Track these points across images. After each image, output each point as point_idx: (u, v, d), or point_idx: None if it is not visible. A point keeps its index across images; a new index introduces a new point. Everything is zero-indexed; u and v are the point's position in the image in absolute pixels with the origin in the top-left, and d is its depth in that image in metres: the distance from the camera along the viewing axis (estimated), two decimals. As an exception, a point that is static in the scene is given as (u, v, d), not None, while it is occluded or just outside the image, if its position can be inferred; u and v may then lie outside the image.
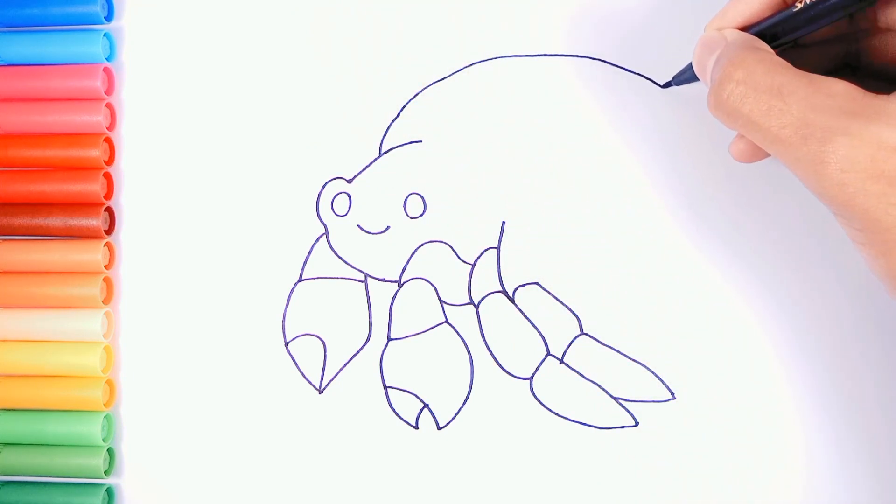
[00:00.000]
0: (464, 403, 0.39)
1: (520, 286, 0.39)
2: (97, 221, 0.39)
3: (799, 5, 0.31)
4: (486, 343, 0.39)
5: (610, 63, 0.39)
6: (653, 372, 0.38)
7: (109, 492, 0.40)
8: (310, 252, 0.39)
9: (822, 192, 0.28)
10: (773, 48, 0.31)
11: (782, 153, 0.28)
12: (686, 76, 0.36)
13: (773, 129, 0.28)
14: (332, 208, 0.39)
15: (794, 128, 0.28)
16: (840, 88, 0.28)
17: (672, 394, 0.38)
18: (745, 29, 0.32)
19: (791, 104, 0.28)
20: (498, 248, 0.39)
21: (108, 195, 0.40)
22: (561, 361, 0.38)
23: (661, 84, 0.38)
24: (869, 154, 0.27)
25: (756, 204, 0.38)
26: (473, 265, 0.39)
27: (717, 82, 0.30)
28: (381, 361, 0.39)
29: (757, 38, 0.31)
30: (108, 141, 0.40)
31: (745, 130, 0.29)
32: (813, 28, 0.31)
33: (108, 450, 0.40)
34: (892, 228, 0.27)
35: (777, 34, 0.31)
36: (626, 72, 0.39)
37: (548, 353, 0.38)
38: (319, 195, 0.40)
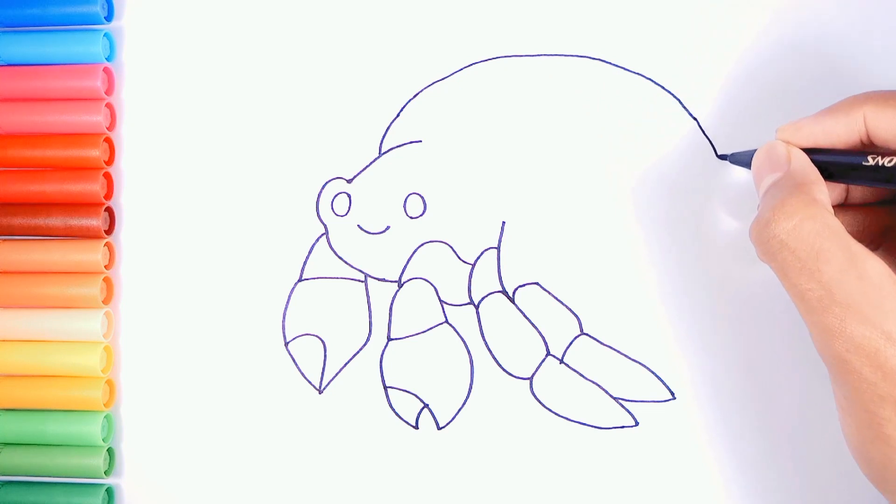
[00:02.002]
0: (464, 403, 0.39)
1: (520, 286, 0.39)
2: (97, 221, 0.39)
3: (871, 161, 0.30)
4: (486, 343, 0.39)
5: (610, 63, 0.39)
6: (653, 372, 0.38)
7: (109, 492, 0.40)
8: (310, 252, 0.39)
9: (825, 358, 0.29)
10: (831, 181, 0.31)
11: (801, 308, 0.29)
12: (744, 161, 0.35)
13: (800, 286, 0.29)
14: (332, 208, 0.39)
15: (818, 295, 0.29)
16: (875, 272, 0.28)
17: (672, 394, 0.38)
18: (812, 152, 0.32)
19: (824, 272, 0.28)
20: (498, 248, 0.39)
21: (108, 195, 0.40)
22: (561, 361, 0.38)
23: (718, 155, 0.38)
24: (876, 346, 0.28)
25: (756, 204, 0.38)
26: (473, 265, 0.39)
27: (763, 220, 0.30)
28: (381, 361, 0.39)
29: (819, 181, 0.31)
30: (108, 141, 0.40)
31: (774, 270, 0.30)
32: (877, 185, 0.31)
33: (108, 450, 0.40)
34: (875, 413, 0.28)
35: (841, 174, 0.31)
36: (626, 72, 0.39)
37: (548, 353, 0.38)
38: (319, 195, 0.40)
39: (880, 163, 0.30)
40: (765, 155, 0.33)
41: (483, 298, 0.39)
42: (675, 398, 0.38)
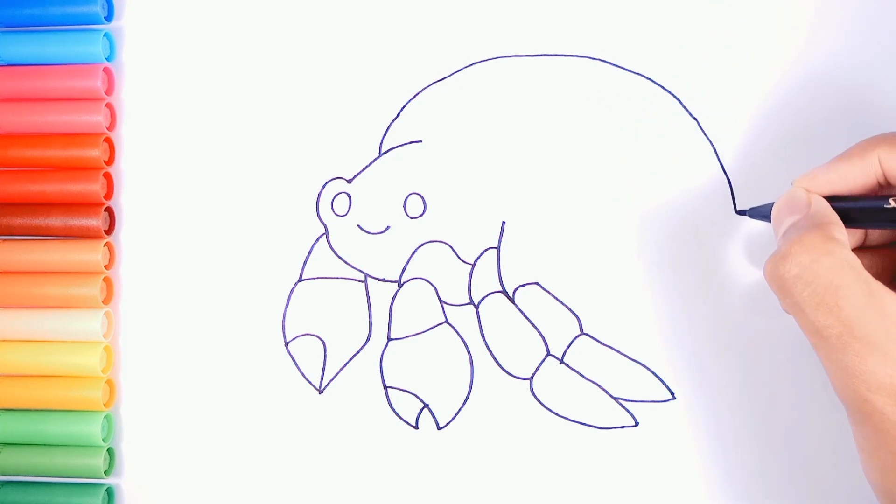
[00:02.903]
0: (464, 403, 0.39)
1: (520, 286, 0.39)
2: (97, 221, 0.39)
3: (893, 204, 0.30)
4: (486, 343, 0.39)
5: (610, 63, 0.39)
6: (653, 372, 0.38)
7: (109, 492, 0.40)
8: (310, 252, 0.39)
9: (844, 399, 0.29)
10: (853, 227, 0.31)
11: (818, 347, 0.29)
12: (763, 213, 0.35)
13: (818, 324, 0.28)
14: (332, 208, 0.39)
15: (837, 331, 0.28)
16: (893, 307, 0.28)
17: (672, 394, 0.38)
18: (832, 199, 0.32)
19: (843, 308, 0.28)
20: (498, 248, 0.39)
21: (108, 195, 0.40)
22: (561, 361, 0.38)
23: (737, 210, 0.37)
24: (893, 381, 0.27)
25: (756, 203, 0.38)
26: (473, 265, 0.39)
27: (779, 255, 0.29)
28: (381, 361, 0.39)
29: (838, 223, 0.30)
30: (108, 141, 0.40)
31: (791, 310, 0.30)
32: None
33: (108, 450, 0.40)
34: None
35: (862, 219, 0.31)
36: (626, 72, 0.39)
37: (548, 353, 0.38)
38: (319, 195, 0.40)
39: None
40: (785, 200, 0.32)
41: (483, 298, 0.39)
42: (675, 398, 0.38)
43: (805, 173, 0.32)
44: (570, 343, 0.38)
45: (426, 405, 0.39)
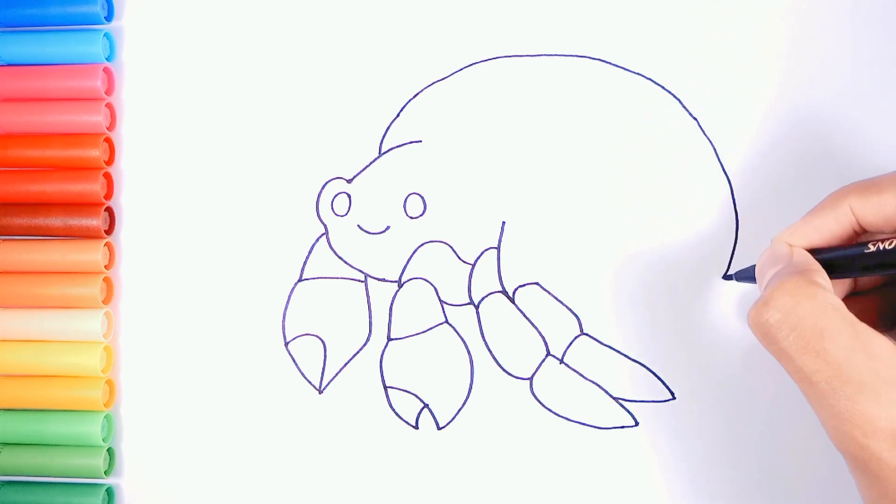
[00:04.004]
0: (464, 403, 0.39)
1: (520, 286, 0.39)
2: (97, 221, 0.39)
3: (872, 248, 0.30)
4: (486, 343, 0.39)
5: (610, 63, 0.39)
6: (653, 372, 0.38)
7: (109, 492, 0.40)
8: (310, 252, 0.39)
9: (841, 447, 0.28)
10: (839, 276, 0.31)
11: (808, 394, 0.28)
12: (748, 276, 0.35)
13: (806, 369, 0.28)
14: (332, 208, 0.39)
15: (826, 376, 0.27)
16: (884, 350, 0.27)
17: (672, 394, 0.38)
18: (814, 252, 0.31)
19: (830, 351, 0.27)
20: (498, 248, 0.39)
21: (108, 195, 0.40)
22: (561, 361, 0.38)
23: (723, 276, 0.37)
24: (890, 423, 0.26)
25: (757, 204, 0.38)
26: (473, 265, 0.39)
27: (761, 301, 0.29)
28: (381, 361, 0.39)
29: (820, 270, 0.30)
30: (108, 141, 0.40)
31: (778, 357, 0.29)
32: (884, 272, 0.30)
33: (108, 450, 0.40)
34: None
35: (845, 267, 0.31)
36: (626, 72, 0.39)
37: (548, 353, 0.38)
38: (319, 195, 0.40)
39: (881, 247, 0.30)
40: (768, 254, 0.32)
41: (483, 298, 0.39)
42: (675, 398, 0.38)
43: (784, 230, 0.32)
44: (570, 343, 0.38)
45: (426, 405, 0.39)
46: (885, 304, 0.33)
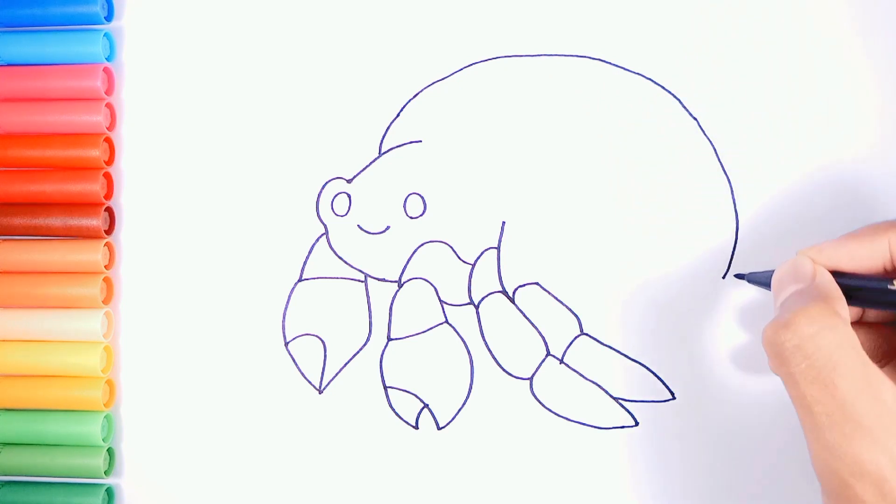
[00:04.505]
0: (464, 403, 0.39)
1: (520, 286, 0.39)
2: (97, 221, 0.39)
3: (893, 287, 0.30)
4: (486, 343, 0.39)
5: (610, 63, 0.39)
6: (653, 372, 0.38)
7: (109, 492, 0.40)
8: (310, 252, 0.39)
9: (823, 478, 0.28)
10: (855, 305, 0.31)
11: (805, 421, 0.28)
12: (761, 280, 0.35)
13: (810, 398, 0.28)
14: (332, 208, 0.39)
15: (827, 409, 0.28)
16: (890, 396, 0.27)
17: (672, 394, 0.38)
18: (835, 274, 0.31)
19: (839, 387, 0.27)
20: (498, 248, 0.39)
21: (108, 195, 0.40)
22: (561, 361, 0.38)
23: (735, 274, 0.37)
24: (884, 474, 0.27)
25: (756, 204, 0.38)
26: (473, 265, 0.39)
27: (781, 322, 0.29)
28: (381, 361, 0.39)
29: (842, 299, 0.30)
30: (108, 141, 0.40)
31: (783, 379, 0.29)
32: None
33: (108, 450, 0.40)
34: None
35: (863, 299, 0.31)
36: (626, 72, 0.39)
37: (548, 353, 0.38)
38: (319, 195, 0.40)
39: None
40: (790, 267, 0.32)
41: (483, 298, 0.39)
42: (675, 398, 0.38)
43: (812, 245, 0.32)
44: (570, 343, 0.38)
45: (426, 405, 0.39)
46: (886, 340, 0.33)
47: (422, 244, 0.39)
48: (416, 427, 0.39)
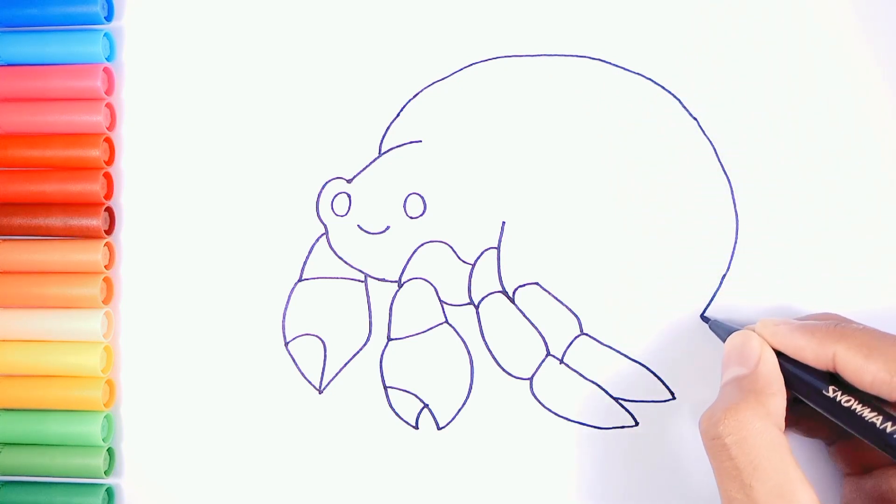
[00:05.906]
0: (464, 403, 0.39)
1: (520, 286, 0.39)
2: (97, 221, 0.39)
3: (830, 394, 0.30)
4: (486, 343, 0.39)
5: (610, 63, 0.39)
6: (653, 372, 0.38)
7: (109, 492, 0.40)
8: (310, 252, 0.39)
9: None
10: (792, 390, 0.32)
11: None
12: (719, 333, 0.36)
13: (730, 493, 0.29)
14: (332, 208, 0.39)
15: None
16: (805, 500, 0.28)
17: (672, 394, 0.38)
18: (784, 357, 0.32)
19: (755, 490, 0.29)
20: (498, 248, 0.39)
21: (108, 195, 0.40)
22: (561, 361, 0.38)
23: (701, 315, 0.37)
24: None
25: (756, 204, 0.38)
26: (473, 265, 0.39)
27: (715, 418, 0.31)
28: (381, 361, 0.39)
29: (778, 393, 0.31)
30: (108, 141, 0.40)
31: (711, 463, 0.31)
32: (829, 417, 0.31)
33: (108, 450, 0.40)
34: None
35: (800, 390, 0.31)
36: (626, 72, 0.39)
37: (548, 353, 0.38)
38: (319, 195, 0.40)
39: (838, 399, 0.30)
40: (739, 343, 0.33)
41: (483, 298, 0.39)
42: (675, 398, 0.38)
43: (773, 320, 0.33)
44: (570, 343, 0.38)
45: (426, 405, 0.39)
46: (812, 421, 0.34)
47: (422, 244, 0.39)
48: (416, 427, 0.39)
